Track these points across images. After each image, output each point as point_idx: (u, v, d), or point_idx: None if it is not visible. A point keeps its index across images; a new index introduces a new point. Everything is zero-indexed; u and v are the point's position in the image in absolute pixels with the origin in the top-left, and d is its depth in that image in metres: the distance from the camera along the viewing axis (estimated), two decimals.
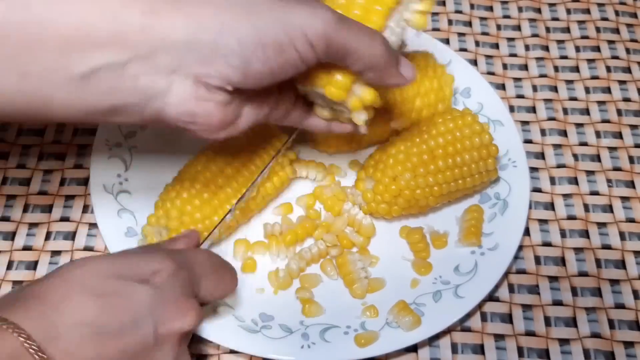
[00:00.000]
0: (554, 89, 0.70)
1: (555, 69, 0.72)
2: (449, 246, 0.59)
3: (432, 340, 0.55)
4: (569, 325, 0.56)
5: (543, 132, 0.67)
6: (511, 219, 0.59)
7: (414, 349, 0.54)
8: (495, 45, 0.73)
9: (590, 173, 0.65)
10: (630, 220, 0.62)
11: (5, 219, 0.60)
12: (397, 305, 0.54)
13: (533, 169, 0.64)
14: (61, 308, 0.38)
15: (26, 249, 0.58)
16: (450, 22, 0.75)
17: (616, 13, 0.76)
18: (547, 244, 0.60)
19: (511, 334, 0.56)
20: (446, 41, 0.73)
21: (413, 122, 0.62)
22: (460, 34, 0.74)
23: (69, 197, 0.61)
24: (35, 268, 0.57)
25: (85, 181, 0.62)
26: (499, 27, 0.75)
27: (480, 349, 0.55)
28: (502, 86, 0.70)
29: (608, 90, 0.70)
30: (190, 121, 0.42)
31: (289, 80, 0.44)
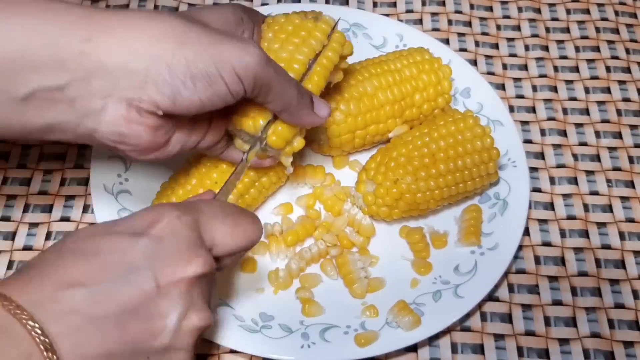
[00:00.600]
0: (554, 89, 0.70)
1: (555, 69, 0.72)
2: (448, 246, 0.59)
3: (432, 340, 0.55)
4: (568, 325, 0.56)
5: (543, 132, 0.67)
6: (511, 219, 0.59)
7: (413, 348, 0.54)
8: (495, 46, 0.73)
9: (590, 173, 0.65)
10: (630, 220, 0.62)
11: (6, 219, 0.60)
12: (397, 305, 0.54)
13: (533, 169, 0.64)
14: (51, 273, 0.38)
15: (26, 249, 0.58)
16: (450, 22, 0.75)
17: (616, 13, 0.76)
18: (547, 244, 0.60)
19: (511, 333, 0.56)
20: (446, 41, 0.73)
21: (414, 118, 0.62)
22: (460, 34, 0.74)
23: (69, 197, 0.61)
24: None
25: (85, 181, 0.62)
26: (498, 27, 0.75)
27: (480, 349, 0.55)
28: (502, 86, 0.70)
29: (608, 90, 0.70)
30: (120, 141, 0.45)
31: (220, 114, 0.48)
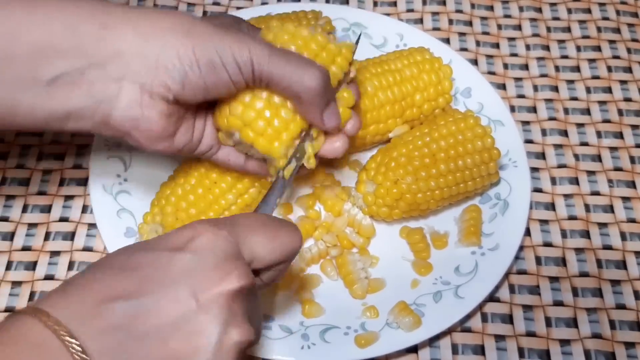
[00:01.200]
0: (555, 89, 0.70)
1: (556, 68, 0.71)
2: (449, 246, 0.59)
3: (433, 341, 0.55)
4: (569, 325, 0.56)
5: (544, 132, 0.67)
6: (512, 219, 0.59)
7: (414, 349, 0.54)
8: (496, 45, 0.73)
9: (591, 173, 0.65)
10: (631, 220, 0.62)
11: (5, 219, 0.60)
12: (398, 306, 0.54)
13: (534, 169, 0.64)
14: (90, 288, 0.38)
15: (25, 249, 0.58)
16: (450, 22, 0.74)
17: (617, 13, 0.76)
18: (548, 245, 0.60)
19: (512, 334, 0.56)
20: (447, 41, 0.72)
21: (415, 118, 0.62)
22: (461, 34, 0.73)
23: (68, 198, 0.61)
24: (34, 268, 0.57)
25: (84, 181, 0.62)
26: (499, 27, 0.74)
27: (480, 350, 0.55)
28: (503, 86, 0.70)
29: (609, 90, 0.70)
30: (134, 127, 0.48)
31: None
